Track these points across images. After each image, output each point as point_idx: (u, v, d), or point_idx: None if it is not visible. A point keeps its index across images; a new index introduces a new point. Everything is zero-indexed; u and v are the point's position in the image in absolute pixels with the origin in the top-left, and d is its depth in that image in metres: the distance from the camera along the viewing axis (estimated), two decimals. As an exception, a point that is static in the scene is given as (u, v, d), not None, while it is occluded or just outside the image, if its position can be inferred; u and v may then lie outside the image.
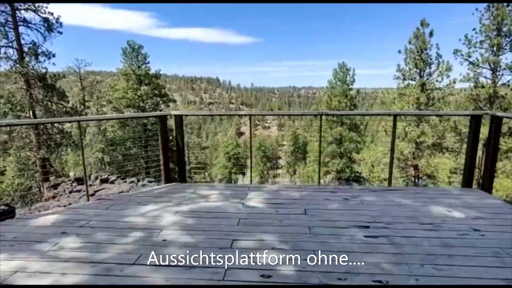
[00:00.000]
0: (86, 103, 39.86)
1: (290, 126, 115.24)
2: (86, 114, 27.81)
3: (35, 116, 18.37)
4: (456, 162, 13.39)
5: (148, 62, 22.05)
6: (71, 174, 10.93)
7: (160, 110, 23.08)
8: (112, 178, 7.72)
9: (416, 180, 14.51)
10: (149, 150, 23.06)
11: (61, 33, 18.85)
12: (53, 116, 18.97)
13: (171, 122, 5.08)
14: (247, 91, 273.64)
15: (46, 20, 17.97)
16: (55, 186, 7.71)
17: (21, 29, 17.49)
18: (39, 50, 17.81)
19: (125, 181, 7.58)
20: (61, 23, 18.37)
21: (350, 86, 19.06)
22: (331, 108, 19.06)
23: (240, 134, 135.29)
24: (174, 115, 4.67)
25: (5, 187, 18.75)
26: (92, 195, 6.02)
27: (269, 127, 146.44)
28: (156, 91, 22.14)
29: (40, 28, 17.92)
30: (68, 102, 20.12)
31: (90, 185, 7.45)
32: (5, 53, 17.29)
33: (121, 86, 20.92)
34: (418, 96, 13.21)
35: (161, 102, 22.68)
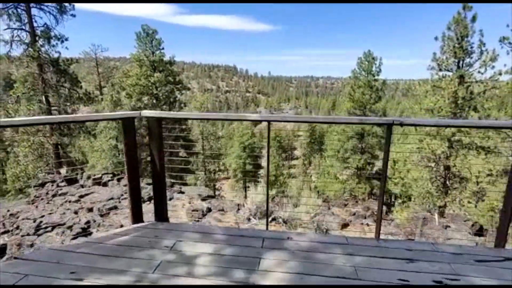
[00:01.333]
0: (102, 89, 39.89)
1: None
2: (101, 100, 27.58)
3: (48, 102, 18.08)
4: (495, 163, 12.00)
5: (163, 48, 21.25)
6: (62, 171, 10.40)
7: (174, 98, 22.39)
8: (107, 178, 7.02)
9: (447, 182, 13.19)
10: (164, 139, 22.55)
11: (74, 16, 18.30)
12: (65, 101, 18.64)
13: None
14: (264, 79, 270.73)
15: (59, 2, 17.40)
16: (43, 185, 7.08)
17: (34, 11, 17.02)
18: (52, 34, 17.32)
19: (118, 184, 6.83)
20: (73, 6, 17.78)
21: (376, 77, 17.61)
22: (354, 100, 17.73)
23: (256, 123, 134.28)
24: (148, 117, 2.94)
25: (19, 172, 18.73)
26: (77, 201, 5.30)
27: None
28: (170, 78, 21.39)
29: (52, 10, 17.39)
30: (81, 87, 19.68)
31: (81, 186, 6.80)
32: (17, 36, 16.93)
33: (134, 72, 20.27)
34: (455, 89, 11.78)
35: (175, 89, 21.95)
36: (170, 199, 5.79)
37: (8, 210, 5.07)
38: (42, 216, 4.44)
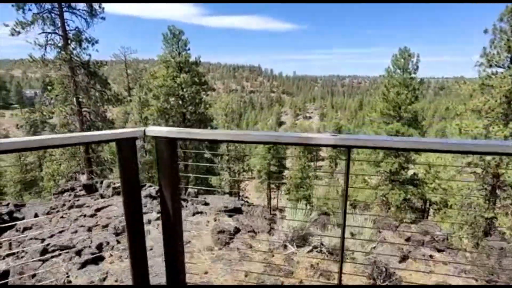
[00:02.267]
0: (131, 90, 40.97)
1: (333, 117, 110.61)
2: (129, 101, 28.15)
3: (78, 103, 18.50)
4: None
5: (189, 49, 21.20)
6: (82, 177, 10.34)
7: (200, 99, 22.25)
8: None
9: (497, 192, 11.87)
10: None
11: (104, 18, 18.62)
12: (95, 103, 19.01)
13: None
14: (289, 79, 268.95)
15: (90, 5, 17.76)
16: (62, 192, 6.91)
17: (66, 15, 17.46)
18: (83, 37, 17.72)
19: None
20: (103, 9, 18.08)
21: (413, 75, 16.37)
22: (387, 100, 16.59)
23: (280, 123, 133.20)
24: (155, 137, 1.79)
25: (52, 171, 19.37)
26: (92, 215, 4.91)
27: (310, 117, 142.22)
28: (196, 79, 21.27)
29: (83, 14, 17.77)
30: (110, 89, 20.02)
31: (101, 196, 6.49)
32: (51, 39, 17.44)
33: (161, 73, 20.34)
34: (509, 88, 10.49)
35: (200, 90, 21.80)
36: (194, 214, 5.33)
37: (17, 230, 4.84)
38: (52, 236, 4.13)
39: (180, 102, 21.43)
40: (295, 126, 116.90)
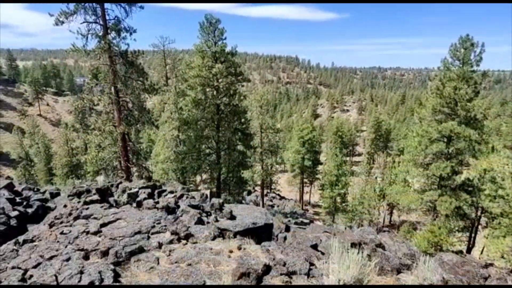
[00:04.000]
0: (169, 80, 41.65)
1: (373, 111, 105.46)
2: (165, 92, 28.41)
3: (116, 92, 18.76)
4: None
5: (225, 38, 20.56)
6: (99, 178, 10.12)
7: (235, 90, 21.67)
8: (143, 195, 6.09)
9: None
10: (220, 132, 22.19)
11: (142, 7, 18.56)
12: (132, 92, 19.19)
13: None
14: (326, 71, 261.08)
15: (129, -7, 17.72)
16: (77, 194, 6.57)
17: (107, 5, 17.57)
18: (121, 26, 17.79)
19: (157, 202, 5.79)
20: (142, -3, 17.98)
21: (474, 67, 14.29)
22: (442, 96, 14.66)
23: (316, 116, 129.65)
24: None
25: (91, 159, 20.04)
26: (96, 232, 4.23)
27: (348, 110, 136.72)
28: (231, 69, 20.65)
29: (123, 3, 17.79)
30: (147, 79, 20.08)
31: (112, 204, 5.93)
32: (92, 29, 17.71)
33: (196, 63, 19.98)
34: None
35: (235, 81, 21.18)
36: (214, 237, 4.54)
37: (16, 243, 4.49)
38: (37, 265, 3.64)
39: (215, 93, 21.00)
40: (331, 120, 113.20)
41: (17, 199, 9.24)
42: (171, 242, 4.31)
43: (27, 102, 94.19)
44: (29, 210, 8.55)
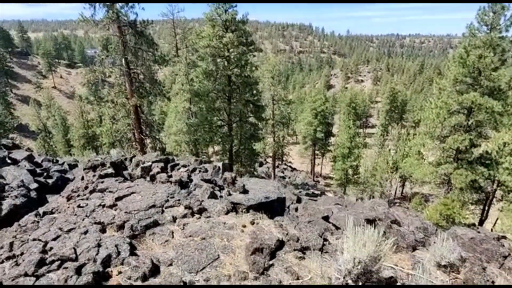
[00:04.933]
0: (179, 51, 40.89)
1: (388, 81, 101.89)
2: (175, 63, 28.00)
3: (127, 64, 18.59)
4: None
5: (236, 6, 19.69)
6: (113, 152, 10.16)
7: (246, 61, 21.12)
8: (156, 169, 6.11)
9: None
10: (232, 104, 21.97)
11: (149, -27, 17.81)
12: (142, 63, 18.98)
13: None
14: (341, 39, 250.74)
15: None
16: (92, 168, 6.64)
17: (113, -30, 16.91)
18: (129, -7, 17.23)
19: (170, 176, 5.78)
20: (148, -38, 17.17)
21: (503, 33, 13.29)
22: (465, 65, 13.84)
23: (329, 87, 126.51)
24: None
25: (105, 131, 20.39)
26: (112, 206, 4.27)
27: (362, 81, 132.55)
28: (242, 39, 19.97)
29: (129, -32, 17.08)
30: (157, 50, 19.72)
31: (127, 178, 5.98)
32: (100, -2, 17.22)
33: (206, 33, 19.38)
34: None
35: (246, 51, 20.56)
36: (228, 211, 4.54)
37: (37, 215, 4.62)
38: (56, 238, 3.74)
39: (226, 63, 20.53)
40: (345, 90, 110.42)
41: (38, 170, 9.57)
42: (184, 216, 4.38)
43: (41, 75, 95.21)
44: (49, 181, 8.87)
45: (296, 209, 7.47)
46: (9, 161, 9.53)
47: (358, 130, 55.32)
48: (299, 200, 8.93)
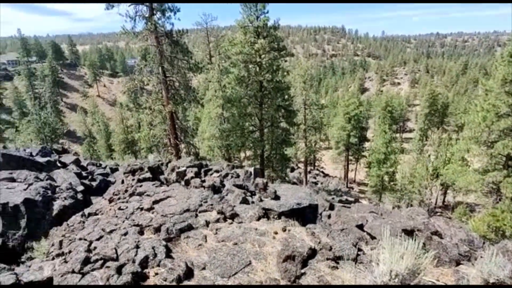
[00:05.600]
0: (212, 58, 42.05)
1: (428, 83, 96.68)
2: (209, 70, 28.78)
3: (163, 72, 19.46)
4: None
5: (267, 12, 19.88)
6: (150, 157, 10.55)
7: (278, 66, 21.22)
8: (190, 174, 6.29)
9: None
10: (264, 109, 22.11)
11: (185, -15, 18.60)
12: (178, 71, 19.75)
13: None
14: (376, 41, 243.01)
15: (172, -29, 17.79)
16: (132, 172, 6.99)
17: (151, -16, 17.87)
18: (166, 5, 18.10)
19: (203, 181, 5.93)
20: (184, -25, 17.97)
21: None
22: (516, 64, 12.75)
23: (363, 90, 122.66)
24: None
25: (143, 136, 21.43)
26: (149, 209, 4.45)
27: (399, 83, 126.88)
28: (274, 45, 20.10)
29: (166, -19, 17.95)
30: (191, 58, 20.44)
31: (163, 182, 6.23)
32: (139, 10, 18.29)
33: (238, 40, 19.76)
34: None
35: (278, 56, 20.63)
36: (259, 217, 4.57)
37: (83, 215, 4.99)
38: (100, 238, 3.99)
39: (257, 69, 20.74)
40: (380, 94, 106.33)
41: (83, 173, 10.32)
42: (217, 221, 4.48)
43: (87, 84, 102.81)
44: (94, 184, 9.52)
45: (329, 217, 7.31)
46: (59, 164, 10.37)
47: (394, 134, 52.97)
48: (332, 207, 8.73)
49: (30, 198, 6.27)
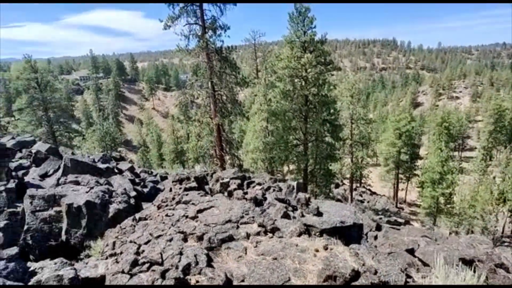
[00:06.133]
0: (259, 73, 43.05)
1: (492, 97, 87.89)
2: (255, 84, 29.48)
3: (213, 87, 20.38)
4: None
5: (315, 27, 20.00)
6: (197, 167, 10.90)
7: (324, 80, 21.05)
8: (233, 185, 6.40)
9: None
10: (308, 123, 21.92)
11: (235, 4, 19.52)
12: (226, 86, 20.55)
13: None
14: (431, 52, 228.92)
15: (224, -8, 18.80)
16: (179, 181, 7.31)
17: (205, 5, 19.07)
18: (217, 24, 19.10)
19: (246, 193, 6.00)
20: (235, -5, 18.88)
21: None
22: None
23: (416, 104, 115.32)
24: None
25: (192, 147, 22.48)
26: (193, 217, 4.55)
27: (457, 98, 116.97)
28: (320, 59, 20.03)
29: (218, 2, 19.00)
30: (239, 73, 21.16)
31: (207, 192, 6.43)
32: (193, 30, 19.56)
33: (285, 55, 20.05)
34: None
35: (324, 70, 20.47)
36: (300, 233, 4.46)
37: (134, 219, 5.33)
38: (148, 242, 4.23)
39: (303, 83, 20.76)
40: (435, 108, 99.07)
41: (137, 180, 11.13)
42: (258, 233, 4.50)
43: (144, 98, 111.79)
44: (145, 190, 10.21)
45: (375, 238, 6.91)
46: (116, 170, 11.31)
47: (452, 153, 48.64)
48: (378, 228, 8.23)
49: (90, 200, 6.94)
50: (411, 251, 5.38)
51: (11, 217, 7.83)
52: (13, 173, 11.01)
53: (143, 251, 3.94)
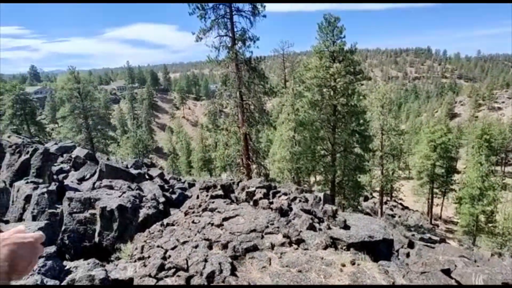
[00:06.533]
0: (287, 83, 43.17)
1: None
2: (283, 94, 29.55)
3: (241, 96, 20.71)
4: None
5: (344, 37, 19.80)
6: (224, 175, 10.98)
7: (353, 90, 20.67)
8: (259, 194, 6.35)
9: None
10: (337, 133, 21.52)
11: (265, 16, 19.87)
12: (254, 95, 20.80)
13: None
14: (469, 61, 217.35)
15: (253, 5, 19.24)
16: (206, 188, 7.40)
17: (235, 18, 19.59)
18: (247, 36, 19.51)
19: (271, 202, 5.91)
20: (264, 7, 19.23)
21: None
22: None
23: (453, 115, 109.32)
24: None
25: (219, 155, 22.83)
26: (219, 225, 4.56)
27: (499, 108, 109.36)
28: (349, 68, 19.74)
29: (248, 14, 19.45)
30: (267, 83, 21.35)
31: (236, 198, 6.46)
32: (223, 41, 20.11)
33: (313, 65, 19.98)
34: None
35: (354, 80, 20.11)
36: (326, 246, 4.32)
37: (162, 225, 5.47)
38: (174, 248, 4.30)
39: (332, 93, 20.51)
40: (474, 120, 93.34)
41: (166, 186, 11.48)
42: (282, 244, 4.43)
43: (175, 107, 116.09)
44: (173, 196, 10.49)
45: (407, 255, 6.57)
46: (147, 176, 11.75)
47: (493, 167, 45.32)
48: (411, 245, 7.82)
49: (122, 204, 7.25)
50: (447, 272, 5.04)
51: (51, 217, 8.36)
52: (55, 176, 11.81)
53: (170, 256, 4.03)
